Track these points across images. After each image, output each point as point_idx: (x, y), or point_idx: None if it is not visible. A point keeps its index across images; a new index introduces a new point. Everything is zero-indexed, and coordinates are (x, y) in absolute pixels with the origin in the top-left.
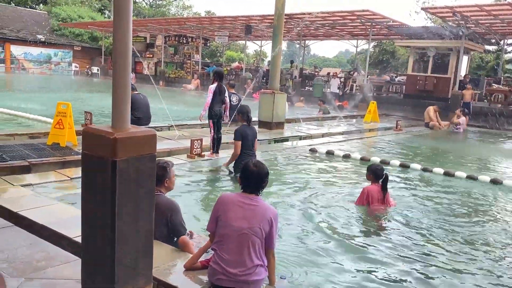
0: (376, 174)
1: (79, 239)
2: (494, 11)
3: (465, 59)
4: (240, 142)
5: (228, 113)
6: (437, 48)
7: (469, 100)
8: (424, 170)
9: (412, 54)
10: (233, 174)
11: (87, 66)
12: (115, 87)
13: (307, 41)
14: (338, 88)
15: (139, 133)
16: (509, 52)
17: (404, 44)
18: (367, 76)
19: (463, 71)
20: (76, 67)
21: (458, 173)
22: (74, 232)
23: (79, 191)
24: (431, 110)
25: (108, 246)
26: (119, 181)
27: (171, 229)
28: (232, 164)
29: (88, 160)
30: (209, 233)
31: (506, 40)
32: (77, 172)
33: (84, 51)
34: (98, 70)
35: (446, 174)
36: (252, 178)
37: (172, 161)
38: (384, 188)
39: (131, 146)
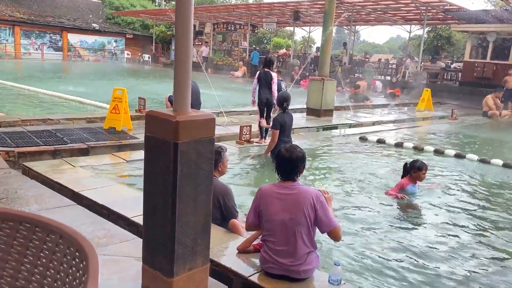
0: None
1: (136, 219)
2: None
3: None
4: (278, 131)
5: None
6: (498, 33)
7: None
8: (482, 161)
9: (470, 39)
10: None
11: (139, 54)
12: (177, 73)
13: (357, 27)
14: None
15: (199, 117)
16: None
17: (462, 29)
18: (421, 63)
19: None
20: (128, 54)
21: None
22: (131, 212)
23: (135, 173)
24: (489, 98)
25: (169, 225)
26: (180, 163)
27: (224, 212)
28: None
29: (151, 142)
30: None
31: None
32: (133, 155)
33: (136, 39)
34: (149, 57)
35: (506, 166)
36: (285, 163)
37: (225, 146)
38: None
39: (192, 129)
